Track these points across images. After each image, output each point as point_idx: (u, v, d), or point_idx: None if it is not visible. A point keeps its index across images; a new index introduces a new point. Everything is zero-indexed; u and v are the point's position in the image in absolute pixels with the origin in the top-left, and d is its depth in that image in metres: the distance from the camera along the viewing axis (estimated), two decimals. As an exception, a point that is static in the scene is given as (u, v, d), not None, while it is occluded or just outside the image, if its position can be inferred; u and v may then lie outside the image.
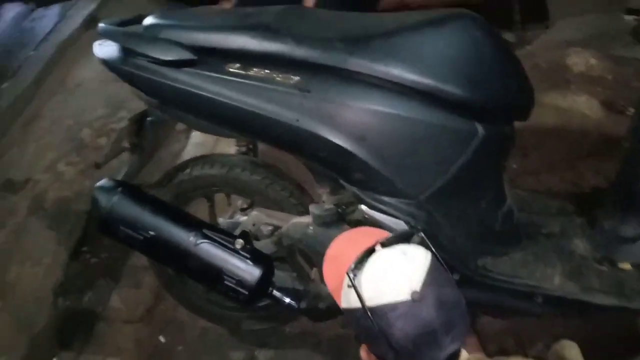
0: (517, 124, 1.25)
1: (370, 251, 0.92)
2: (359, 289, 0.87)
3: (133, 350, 1.98)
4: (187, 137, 2.80)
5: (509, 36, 2.60)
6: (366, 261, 0.90)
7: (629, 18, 2.48)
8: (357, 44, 1.12)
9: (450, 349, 0.85)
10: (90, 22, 3.65)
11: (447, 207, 1.19)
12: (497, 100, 1.17)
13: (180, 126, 2.73)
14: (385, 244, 0.93)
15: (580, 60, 2.39)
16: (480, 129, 1.16)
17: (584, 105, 2.21)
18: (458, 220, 1.22)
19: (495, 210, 1.27)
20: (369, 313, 0.85)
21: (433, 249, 0.93)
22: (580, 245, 1.32)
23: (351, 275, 0.89)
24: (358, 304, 0.87)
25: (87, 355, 1.99)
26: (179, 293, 1.77)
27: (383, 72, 1.10)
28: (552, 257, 1.29)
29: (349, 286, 0.90)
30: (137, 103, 1.56)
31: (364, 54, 1.11)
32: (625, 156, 1.32)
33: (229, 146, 1.57)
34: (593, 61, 2.37)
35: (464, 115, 1.15)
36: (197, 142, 2.74)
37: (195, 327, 1.97)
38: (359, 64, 1.11)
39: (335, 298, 0.99)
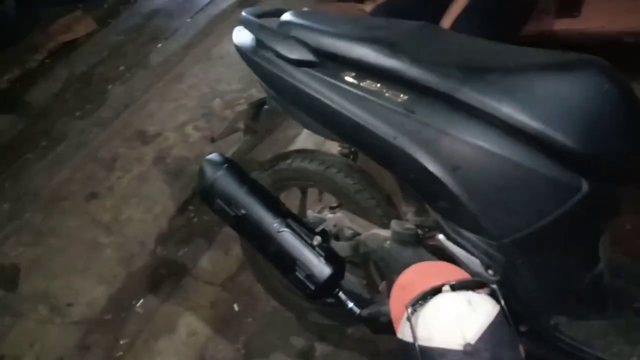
0: None
1: (437, 290, 0.91)
2: (414, 325, 0.87)
3: (209, 311, 2.14)
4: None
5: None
6: (429, 299, 0.89)
7: None
8: (473, 74, 1.11)
9: None
10: (245, 0, 3.91)
11: (530, 256, 1.14)
12: (609, 157, 1.09)
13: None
14: (454, 286, 0.91)
15: None
16: (585, 185, 1.09)
17: None
18: (539, 272, 1.16)
19: (583, 271, 1.19)
20: (418, 352, 0.84)
21: (503, 304, 0.89)
22: (672, 331, 1.20)
23: (409, 310, 0.88)
24: (410, 340, 0.86)
25: (169, 304, 2.19)
26: (258, 270, 1.88)
27: (492, 108, 1.08)
28: (636, 334, 1.19)
29: (406, 319, 0.89)
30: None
31: (477, 86, 1.09)
32: None
33: (336, 144, 1.63)
34: None
35: (570, 168, 1.09)
36: (309, 133, 2.85)
37: (267, 304, 2.08)
38: (469, 94, 1.09)
39: (395, 326, 0.99)
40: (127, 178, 2.80)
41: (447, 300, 0.89)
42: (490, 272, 1.14)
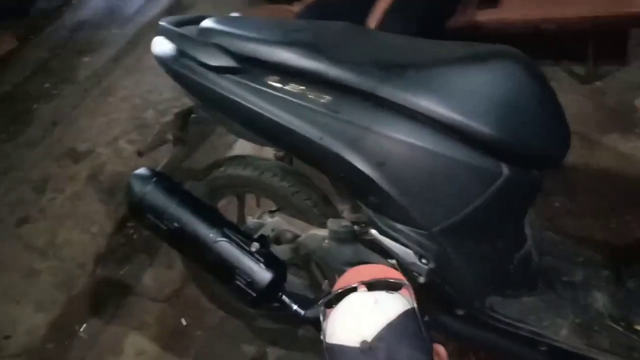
0: (570, 162, 1.20)
1: (352, 290, 0.90)
2: (323, 323, 0.87)
3: (156, 328, 2.08)
4: (241, 131, 2.90)
5: (579, 69, 2.50)
6: (344, 297, 0.89)
7: None
8: (392, 72, 1.13)
9: None
10: (175, 6, 3.83)
11: (460, 243, 1.18)
12: (528, 144, 1.14)
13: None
14: (369, 286, 0.91)
15: (650, 104, 2.27)
16: (505, 170, 1.14)
17: (646, 153, 2.10)
18: (470, 257, 1.20)
19: (512, 252, 1.24)
20: (324, 348, 0.85)
21: (414, 305, 0.88)
22: (599, 300, 1.28)
23: (321, 308, 0.89)
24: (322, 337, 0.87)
25: (113, 325, 2.12)
26: (202, 281, 1.85)
27: (412, 103, 1.11)
28: (566, 307, 1.25)
29: (321, 319, 0.89)
30: None
31: (396, 82, 1.12)
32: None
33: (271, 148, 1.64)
34: (664, 108, 2.24)
35: (490, 155, 1.13)
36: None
37: (215, 315, 2.05)
38: (389, 91, 1.12)
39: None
40: (60, 199, 2.69)
41: (355, 299, 0.88)
42: (423, 261, 1.17)
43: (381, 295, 0.89)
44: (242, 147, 2.63)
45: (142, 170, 1.44)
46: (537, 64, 1.19)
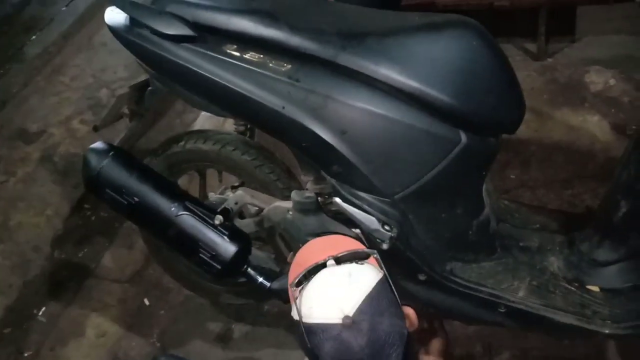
0: (523, 135, 1.23)
1: (321, 266, 0.89)
2: (298, 303, 0.86)
3: (117, 309, 2.05)
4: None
5: (531, 46, 2.56)
6: (312, 277, 0.88)
7: (659, 44, 2.44)
8: (351, 40, 1.14)
9: None
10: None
11: (421, 209, 1.21)
12: (484, 111, 1.17)
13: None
14: (338, 259, 0.90)
15: (599, 80, 2.35)
16: (463, 137, 1.16)
17: (594, 126, 2.18)
18: (431, 223, 1.23)
19: (471, 218, 1.27)
20: (303, 329, 0.84)
21: (385, 272, 0.89)
22: (554, 263, 1.33)
23: (294, 289, 0.88)
24: (297, 317, 0.86)
25: (74, 308, 2.07)
26: (163, 259, 1.82)
27: (371, 71, 1.12)
28: (523, 270, 1.30)
29: (294, 299, 0.89)
30: None
31: (355, 50, 1.12)
32: (610, 187, 1.32)
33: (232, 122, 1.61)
34: (613, 82, 2.32)
35: (448, 122, 1.15)
36: (209, 115, 2.78)
37: (179, 294, 2.03)
38: (349, 59, 1.12)
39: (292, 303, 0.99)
40: (12, 181, 2.58)
41: (327, 275, 0.88)
42: (386, 228, 1.18)
43: (353, 267, 0.89)
44: (202, 125, 2.60)
45: (98, 144, 1.40)
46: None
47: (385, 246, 1.18)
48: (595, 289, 1.26)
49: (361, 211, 1.18)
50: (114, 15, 1.36)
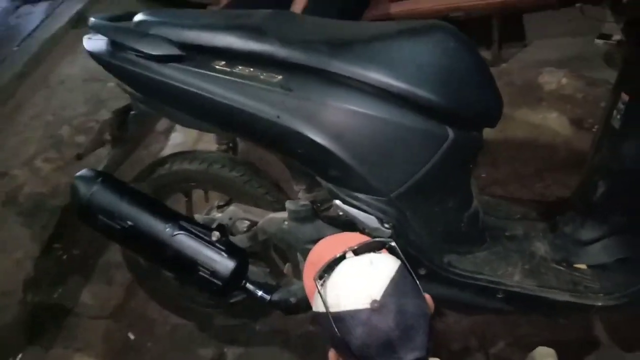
0: (490, 136, 1.31)
1: (341, 258, 0.92)
2: (323, 295, 0.88)
3: (102, 346, 1.98)
4: (167, 139, 2.83)
5: (486, 54, 2.70)
6: (334, 268, 0.91)
7: (600, 42, 2.65)
8: (339, 48, 1.18)
9: (409, 358, 0.84)
10: (78, 20, 3.66)
11: (416, 205, 1.25)
12: (468, 106, 1.23)
13: (160, 126, 2.78)
14: (356, 251, 0.94)
15: (553, 80, 2.51)
16: (450, 133, 1.22)
17: (554, 122, 2.32)
18: (426, 218, 1.27)
19: (462, 211, 1.33)
20: (331, 319, 0.85)
21: (403, 258, 0.93)
22: (540, 248, 1.40)
23: (318, 282, 0.90)
24: (323, 309, 0.87)
25: (56, 350, 1.98)
26: (151, 287, 1.79)
27: (361, 75, 1.16)
28: (514, 256, 1.36)
29: (317, 292, 0.90)
30: (118, 102, 1.58)
31: (344, 57, 1.17)
32: (586, 169, 1.41)
33: (213, 142, 1.62)
34: (565, 81, 2.48)
35: (435, 119, 1.21)
36: (176, 144, 2.77)
37: (165, 324, 1.98)
38: (339, 66, 1.17)
39: (310, 301, 1.01)
40: (-25, 227, 2.48)
41: (350, 265, 0.91)
42: (386, 226, 1.22)
43: (373, 256, 0.92)
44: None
45: (84, 172, 1.38)
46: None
47: (386, 244, 1.21)
48: (583, 266, 1.34)
49: (360, 211, 1.21)
50: (94, 42, 1.36)
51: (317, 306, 0.92)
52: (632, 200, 1.28)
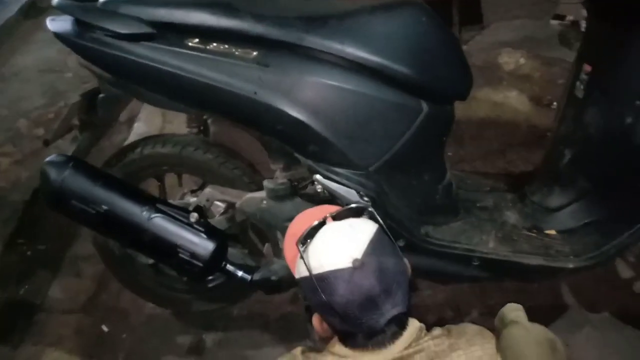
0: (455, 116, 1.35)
1: (322, 224, 0.96)
2: (306, 258, 0.92)
3: (75, 340, 1.93)
4: (130, 128, 2.77)
5: (446, 37, 2.76)
6: (316, 233, 0.95)
7: (555, 23, 2.75)
8: (314, 23, 1.19)
9: (391, 313, 0.89)
10: (30, 9, 3.52)
11: (393, 178, 1.28)
12: (440, 80, 1.26)
13: (122, 116, 2.71)
14: (336, 217, 0.98)
15: (511, 60, 2.59)
16: (425, 106, 1.25)
17: (514, 100, 2.40)
18: (403, 191, 1.30)
19: (437, 183, 1.36)
20: (314, 280, 0.89)
21: (381, 222, 0.97)
22: (511, 217, 1.45)
23: (300, 247, 0.94)
24: (306, 273, 0.91)
25: (26, 346, 1.92)
26: (125, 276, 1.76)
27: (337, 50, 1.17)
28: (487, 225, 1.41)
29: (300, 257, 0.94)
30: (76, 93, 1.54)
31: (320, 32, 1.18)
32: (552, 140, 1.47)
33: (183, 126, 1.60)
34: (523, 61, 2.57)
35: (410, 93, 1.23)
36: (139, 133, 2.71)
37: (139, 314, 1.95)
38: (315, 41, 1.17)
39: (292, 271, 1.03)
40: None
41: (330, 228, 0.95)
42: (365, 199, 1.24)
43: (352, 220, 0.97)
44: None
45: (54, 157, 1.34)
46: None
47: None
48: (553, 232, 1.40)
49: (340, 185, 1.23)
50: (58, 23, 1.31)
51: (300, 271, 0.95)
52: (596, 166, 1.35)
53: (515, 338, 0.99)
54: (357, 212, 1.00)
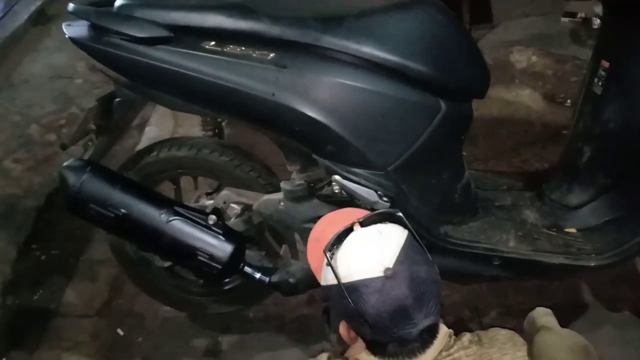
0: None
1: (349, 230, 0.94)
2: (334, 266, 0.89)
3: (91, 344, 1.93)
4: (141, 132, 2.78)
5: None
6: (344, 239, 0.93)
7: (566, 20, 2.74)
8: (331, 23, 1.19)
9: (423, 323, 0.87)
10: (39, 17, 3.54)
11: (412, 178, 1.27)
12: (458, 78, 1.26)
13: (134, 122, 2.72)
14: (363, 223, 0.95)
15: (523, 58, 2.58)
16: (443, 105, 1.24)
17: (527, 98, 2.39)
18: (422, 190, 1.29)
19: (455, 182, 1.35)
20: (344, 290, 0.87)
21: (410, 228, 0.95)
22: (530, 215, 1.44)
23: (328, 254, 0.91)
24: (335, 281, 0.89)
25: (42, 352, 1.92)
26: (141, 279, 1.76)
27: (355, 50, 1.17)
28: (506, 225, 1.40)
29: (327, 265, 0.92)
30: (87, 99, 1.54)
31: (336, 32, 1.17)
32: (570, 137, 1.46)
33: (198, 129, 1.61)
34: (535, 58, 2.56)
35: (428, 92, 1.23)
36: (151, 137, 2.72)
37: (155, 318, 1.95)
38: (332, 41, 1.17)
39: (317, 277, 1.02)
40: (-55, 233, 2.37)
41: (359, 235, 0.93)
42: (385, 199, 1.23)
43: (381, 226, 0.94)
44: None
45: (72, 162, 1.34)
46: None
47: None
48: (573, 230, 1.38)
49: (359, 186, 1.22)
50: (74, 28, 1.32)
51: (327, 279, 0.93)
52: (615, 162, 1.34)
53: (549, 344, 0.97)
54: (385, 217, 0.97)
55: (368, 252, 0.89)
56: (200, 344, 1.86)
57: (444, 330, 0.93)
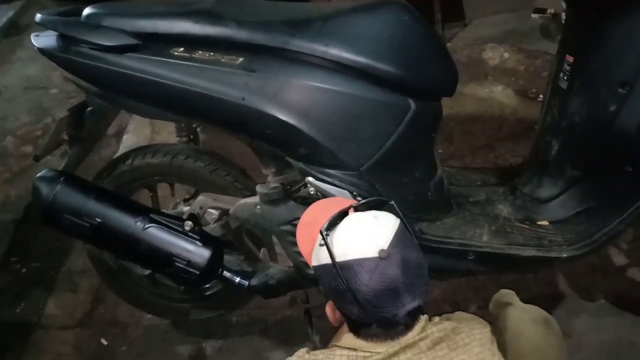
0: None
1: (344, 214, 0.99)
2: (330, 245, 0.93)
3: (74, 356, 1.92)
4: (119, 141, 2.76)
5: (429, 35, 2.78)
6: (339, 222, 0.97)
7: (536, 16, 2.78)
8: (298, 26, 1.20)
9: (410, 305, 0.91)
10: (11, 28, 3.50)
11: (385, 177, 1.28)
12: (427, 77, 1.27)
13: (111, 130, 2.70)
14: (357, 208, 1.01)
15: (495, 55, 2.62)
16: (412, 104, 1.26)
17: (500, 94, 2.42)
18: (396, 188, 1.31)
19: (429, 179, 1.37)
20: (337, 268, 0.91)
21: (402, 216, 1.00)
22: (503, 210, 1.46)
23: (324, 234, 0.95)
24: (328, 261, 0.92)
25: (23, 367, 1.91)
26: (121, 288, 1.75)
27: (322, 52, 1.18)
28: (480, 220, 1.42)
29: (320, 245, 0.96)
30: (62, 109, 1.54)
31: (304, 35, 1.19)
32: (538, 132, 1.48)
33: (172, 135, 1.60)
34: (507, 55, 2.60)
35: (397, 92, 1.24)
36: (129, 145, 2.70)
37: (137, 327, 1.94)
38: (300, 44, 1.18)
39: (307, 259, 1.05)
40: None
41: (356, 217, 0.98)
42: (359, 198, 1.24)
43: (376, 212, 0.99)
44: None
45: (45, 173, 1.34)
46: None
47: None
48: (545, 223, 1.41)
49: (333, 187, 1.23)
50: (43, 39, 1.32)
51: (320, 259, 0.96)
52: (582, 155, 1.36)
53: (513, 318, 1.03)
54: (378, 205, 1.03)
55: (364, 234, 0.93)
56: (184, 351, 1.86)
57: (423, 316, 0.97)
